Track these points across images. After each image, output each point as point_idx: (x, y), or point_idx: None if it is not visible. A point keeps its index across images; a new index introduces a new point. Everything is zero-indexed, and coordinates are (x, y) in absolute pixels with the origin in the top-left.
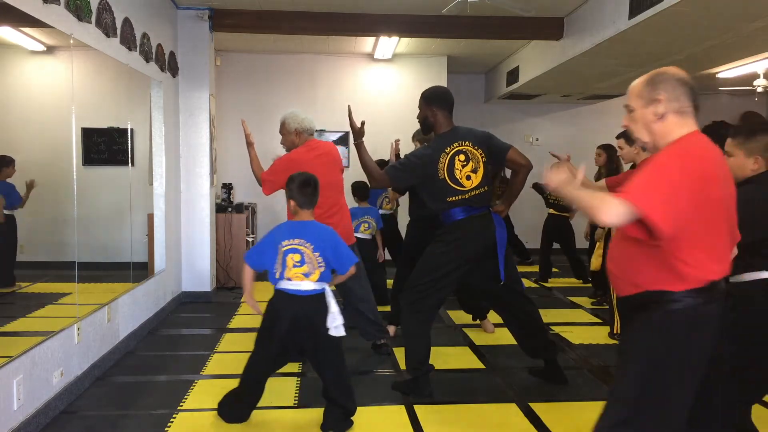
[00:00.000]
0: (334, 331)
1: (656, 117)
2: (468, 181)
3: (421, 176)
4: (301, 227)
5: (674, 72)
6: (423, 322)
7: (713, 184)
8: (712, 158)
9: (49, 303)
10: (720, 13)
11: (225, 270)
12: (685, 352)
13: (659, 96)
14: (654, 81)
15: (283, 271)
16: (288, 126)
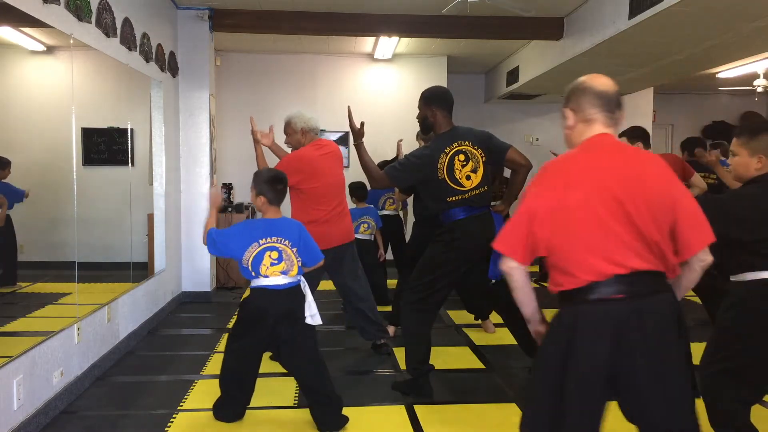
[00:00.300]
0: (311, 319)
1: (568, 128)
2: (468, 181)
3: (421, 176)
4: (275, 225)
5: (583, 81)
6: (423, 322)
7: (570, 190)
8: (575, 163)
9: (49, 303)
10: (720, 13)
11: (225, 270)
12: (568, 347)
13: (565, 108)
14: (567, 94)
15: (257, 268)
16: (294, 125)
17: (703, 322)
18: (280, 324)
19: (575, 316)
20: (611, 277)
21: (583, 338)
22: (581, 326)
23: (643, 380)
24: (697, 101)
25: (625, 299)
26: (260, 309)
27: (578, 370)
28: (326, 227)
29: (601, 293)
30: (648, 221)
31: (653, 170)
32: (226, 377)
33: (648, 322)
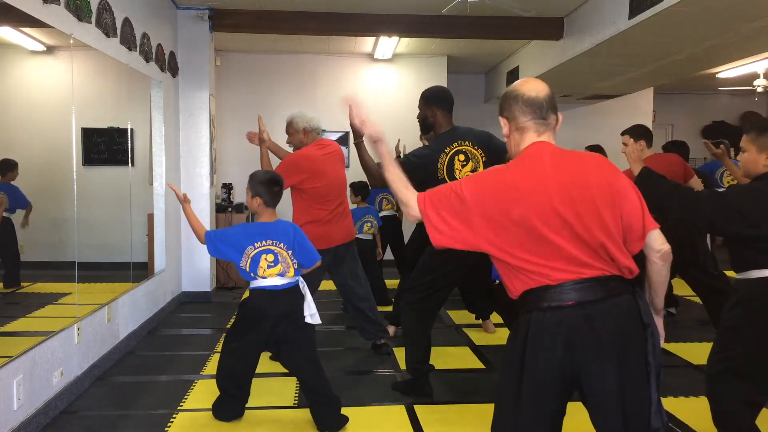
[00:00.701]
0: (310, 318)
1: (505, 136)
2: None
3: (421, 176)
4: (271, 228)
5: (514, 88)
6: (423, 322)
7: (511, 207)
8: (514, 175)
9: (49, 303)
10: (720, 13)
11: (225, 270)
12: (524, 354)
13: (501, 117)
14: (500, 101)
15: (255, 270)
16: (296, 125)
17: (703, 322)
18: (279, 324)
19: (528, 322)
20: (560, 283)
21: (535, 345)
22: (533, 333)
23: (598, 386)
24: (697, 101)
25: (575, 306)
26: (260, 309)
27: (532, 377)
28: (328, 227)
29: (551, 300)
30: (592, 226)
31: (594, 171)
32: (224, 376)
33: (600, 327)
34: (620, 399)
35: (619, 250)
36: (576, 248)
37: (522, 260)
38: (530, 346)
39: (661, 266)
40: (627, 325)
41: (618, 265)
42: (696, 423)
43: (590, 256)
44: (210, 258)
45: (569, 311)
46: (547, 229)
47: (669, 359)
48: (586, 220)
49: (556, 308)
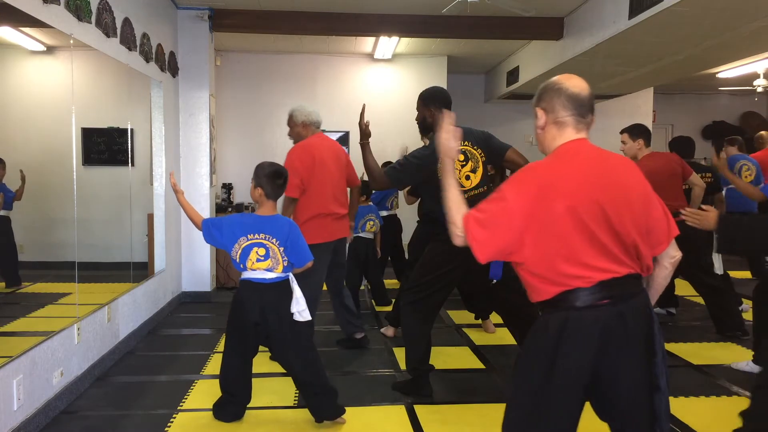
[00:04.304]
0: (299, 315)
1: (538, 128)
2: (467, 181)
3: (421, 176)
4: (265, 222)
5: (557, 81)
6: (423, 322)
7: (556, 200)
8: (559, 171)
9: (49, 303)
10: (720, 13)
11: (225, 270)
12: (556, 354)
13: (538, 108)
14: (539, 92)
15: (244, 262)
16: (295, 118)
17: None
18: (266, 318)
19: (563, 322)
20: (596, 283)
21: (570, 344)
22: (569, 332)
23: (624, 383)
24: (697, 101)
25: (609, 304)
26: (244, 301)
27: (564, 376)
28: (329, 219)
29: (587, 299)
30: (628, 226)
31: (631, 173)
32: (223, 374)
33: (631, 325)
34: (646, 394)
35: (647, 250)
36: (614, 245)
37: (560, 261)
38: (565, 345)
39: (669, 272)
40: (646, 321)
41: (642, 264)
42: (696, 423)
43: (624, 254)
44: (210, 258)
45: (604, 309)
46: (591, 223)
47: (669, 359)
48: (623, 218)
49: (592, 307)
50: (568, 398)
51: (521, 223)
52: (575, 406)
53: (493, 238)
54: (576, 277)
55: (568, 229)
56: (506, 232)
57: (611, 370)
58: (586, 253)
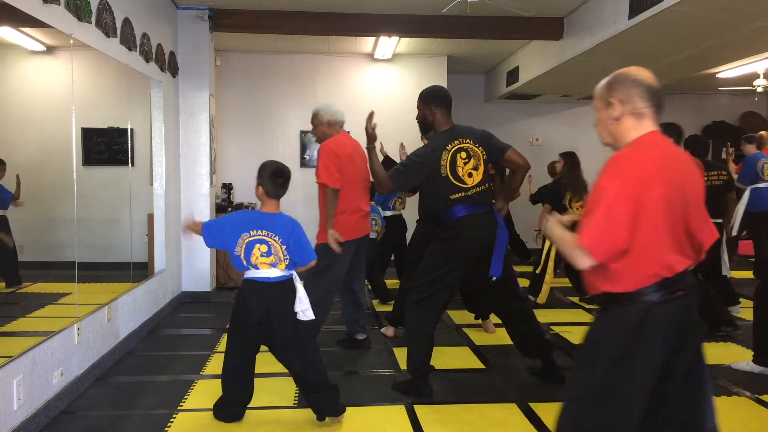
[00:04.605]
0: (302, 315)
1: (613, 119)
2: (470, 179)
3: (424, 175)
4: (268, 219)
5: (631, 73)
6: (426, 322)
7: (655, 185)
8: (659, 159)
9: (49, 303)
10: (720, 13)
11: (225, 270)
12: (636, 348)
13: (613, 98)
14: (611, 83)
15: (248, 259)
16: (321, 117)
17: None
18: (268, 317)
19: (644, 314)
20: (677, 274)
21: (651, 338)
22: (650, 326)
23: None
24: (697, 101)
25: (683, 296)
26: (247, 300)
27: (643, 370)
28: (357, 216)
29: (670, 291)
30: (699, 219)
31: (696, 170)
32: (227, 375)
33: (695, 316)
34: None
35: (706, 246)
36: (686, 236)
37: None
38: (645, 338)
39: None
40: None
41: (700, 257)
42: None
43: (693, 247)
44: (210, 258)
45: (679, 302)
46: (676, 212)
47: None
48: (697, 212)
49: (670, 300)
50: (643, 392)
51: (630, 209)
52: (646, 400)
53: (611, 233)
54: (666, 267)
55: (660, 216)
56: (621, 225)
57: (682, 364)
58: (669, 244)
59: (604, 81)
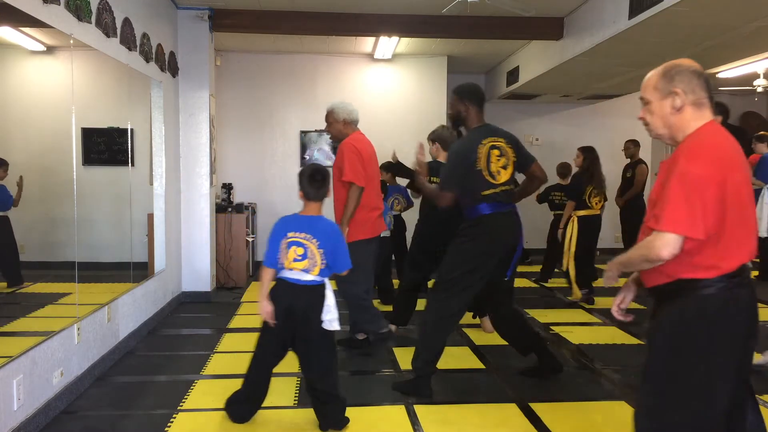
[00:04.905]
0: (328, 324)
1: (674, 109)
2: (499, 176)
3: (463, 170)
4: (309, 222)
5: (689, 64)
6: (446, 322)
7: (734, 169)
8: (729, 145)
9: (49, 303)
10: (720, 13)
11: (225, 270)
12: (718, 337)
13: (676, 88)
14: (670, 73)
15: (283, 261)
16: (336, 115)
17: None
18: (295, 319)
19: (725, 302)
20: (747, 261)
21: (732, 325)
22: (731, 313)
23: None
24: None
25: (749, 283)
26: (277, 299)
27: (725, 358)
28: (376, 214)
29: (746, 276)
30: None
31: (746, 160)
32: (248, 370)
33: (755, 303)
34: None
35: None
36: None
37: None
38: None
39: None
40: None
41: None
42: None
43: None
44: (210, 258)
45: (748, 289)
46: (744, 198)
47: None
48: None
49: (742, 285)
50: (729, 381)
51: (716, 192)
52: (731, 388)
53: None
54: (749, 252)
55: (744, 200)
56: (709, 207)
57: (750, 349)
58: (742, 230)
59: (657, 72)
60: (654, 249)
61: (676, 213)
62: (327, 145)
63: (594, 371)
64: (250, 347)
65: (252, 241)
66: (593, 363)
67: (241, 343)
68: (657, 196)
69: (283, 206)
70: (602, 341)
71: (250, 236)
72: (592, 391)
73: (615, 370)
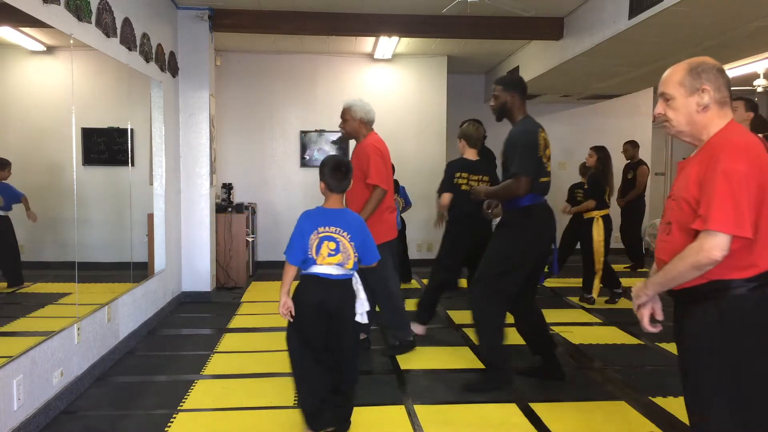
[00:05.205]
0: (360, 317)
1: (700, 107)
2: (548, 166)
3: (536, 154)
4: (337, 215)
5: (713, 61)
6: (499, 315)
7: (764, 168)
8: (758, 144)
9: (49, 303)
10: (720, 13)
11: (225, 270)
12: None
13: (704, 85)
14: (697, 70)
15: (316, 257)
16: (354, 113)
17: None
18: (329, 315)
19: (758, 301)
20: None
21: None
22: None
23: None
24: None
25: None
26: (309, 296)
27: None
28: (394, 215)
29: None
30: None
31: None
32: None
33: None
34: None
35: None
36: None
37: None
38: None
39: None
40: None
41: None
42: None
43: None
44: (210, 258)
45: None
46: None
47: (669, 359)
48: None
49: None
50: None
51: (757, 192)
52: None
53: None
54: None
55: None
56: (753, 206)
57: None
58: None
59: (682, 67)
60: (705, 252)
61: (724, 212)
62: (327, 145)
63: (594, 371)
64: (250, 347)
65: (252, 241)
66: (593, 363)
67: (241, 343)
68: (689, 195)
69: (283, 206)
70: (602, 341)
71: (250, 236)
72: (592, 391)
73: (615, 370)
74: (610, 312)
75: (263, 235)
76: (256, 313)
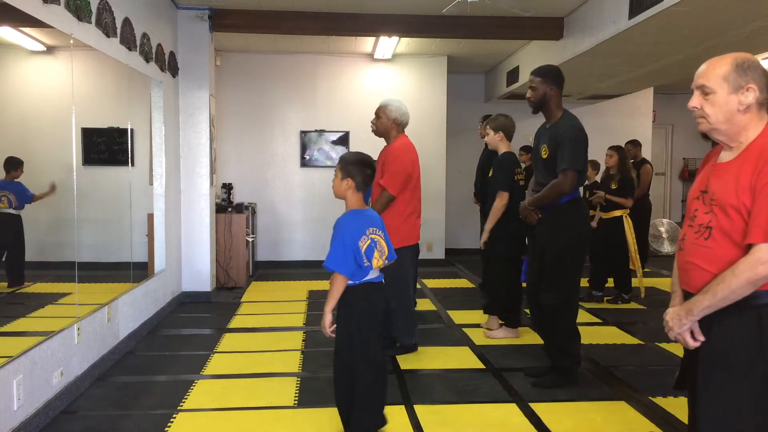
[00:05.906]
0: None
1: (742, 106)
2: None
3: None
4: (369, 215)
5: (757, 60)
6: (575, 317)
7: None
8: None
9: (49, 303)
10: (720, 13)
11: (225, 270)
12: None
13: (750, 84)
14: (743, 66)
15: (370, 263)
16: (389, 112)
17: None
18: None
19: None
20: None
21: None
22: None
23: None
24: None
25: None
26: (373, 304)
27: None
28: (420, 220)
29: None
30: None
31: None
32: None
33: None
34: None
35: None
36: None
37: None
38: None
39: None
40: None
41: None
42: None
43: None
44: (210, 258)
45: None
46: None
47: (669, 359)
48: None
49: None
50: None
51: None
52: None
53: None
54: None
55: None
56: None
57: None
58: None
59: (728, 62)
60: (757, 273)
61: None
62: (327, 145)
63: (594, 371)
64: (250, 347)
65: (252, 241)
66: (593, 363)
67: (241, 343)
68: (739, 203)
69: (283, 206)
70: (602, 341)
71: (250, 236)
72: (592, 391)
73: (615, 370)
74: (610, 312)
75: (263, 235)
76: (256, 313)
